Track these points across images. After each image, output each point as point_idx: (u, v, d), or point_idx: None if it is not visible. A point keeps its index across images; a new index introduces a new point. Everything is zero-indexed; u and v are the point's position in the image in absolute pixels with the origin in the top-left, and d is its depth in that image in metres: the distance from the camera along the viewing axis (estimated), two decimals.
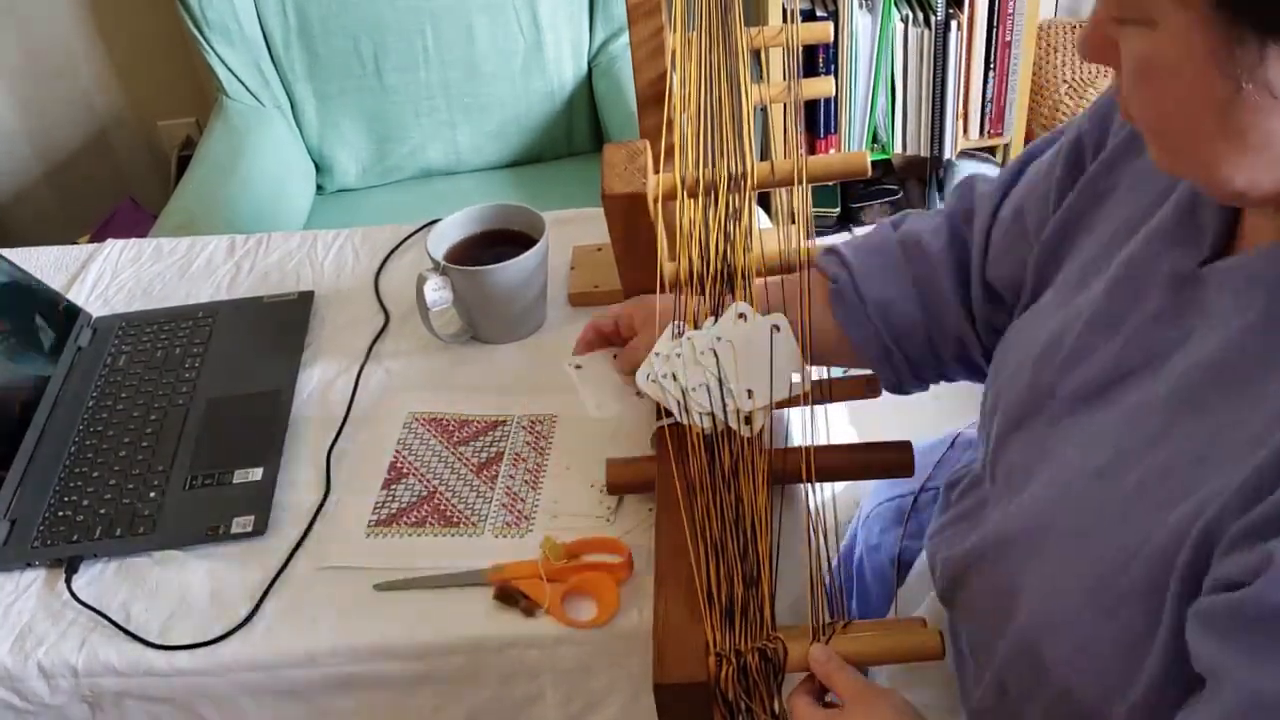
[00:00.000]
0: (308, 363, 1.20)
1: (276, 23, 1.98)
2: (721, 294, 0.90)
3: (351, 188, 2.14)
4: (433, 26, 1.99)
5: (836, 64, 2.15)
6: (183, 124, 2.44)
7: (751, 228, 0.93)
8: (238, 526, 1.01)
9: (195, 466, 1.07)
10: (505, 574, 0.93)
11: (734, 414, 0.86)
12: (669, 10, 1.10)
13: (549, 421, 1.09)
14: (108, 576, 0.99)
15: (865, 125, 2.23)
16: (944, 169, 2.30)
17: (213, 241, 1.39)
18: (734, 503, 0.82)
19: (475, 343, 1.20)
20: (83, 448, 1.11)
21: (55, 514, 1.04)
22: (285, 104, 2.06)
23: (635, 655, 0.90)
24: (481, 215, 1.22)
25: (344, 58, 2.00)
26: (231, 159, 1.95)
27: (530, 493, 1.02)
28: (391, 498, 1.03)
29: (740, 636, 0.75)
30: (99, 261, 1.37)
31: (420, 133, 2.08)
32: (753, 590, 0.77)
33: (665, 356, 0.88)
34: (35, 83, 2.37)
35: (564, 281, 1.26)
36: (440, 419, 1.11)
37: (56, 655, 0.93)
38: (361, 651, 0.92)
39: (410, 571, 0.96)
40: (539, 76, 2.07)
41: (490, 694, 0.94)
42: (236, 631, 0.93)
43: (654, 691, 0.74)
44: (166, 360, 1.20)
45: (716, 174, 0.93)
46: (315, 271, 1.33)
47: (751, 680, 0.73)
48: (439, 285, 1.14)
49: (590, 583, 0.92)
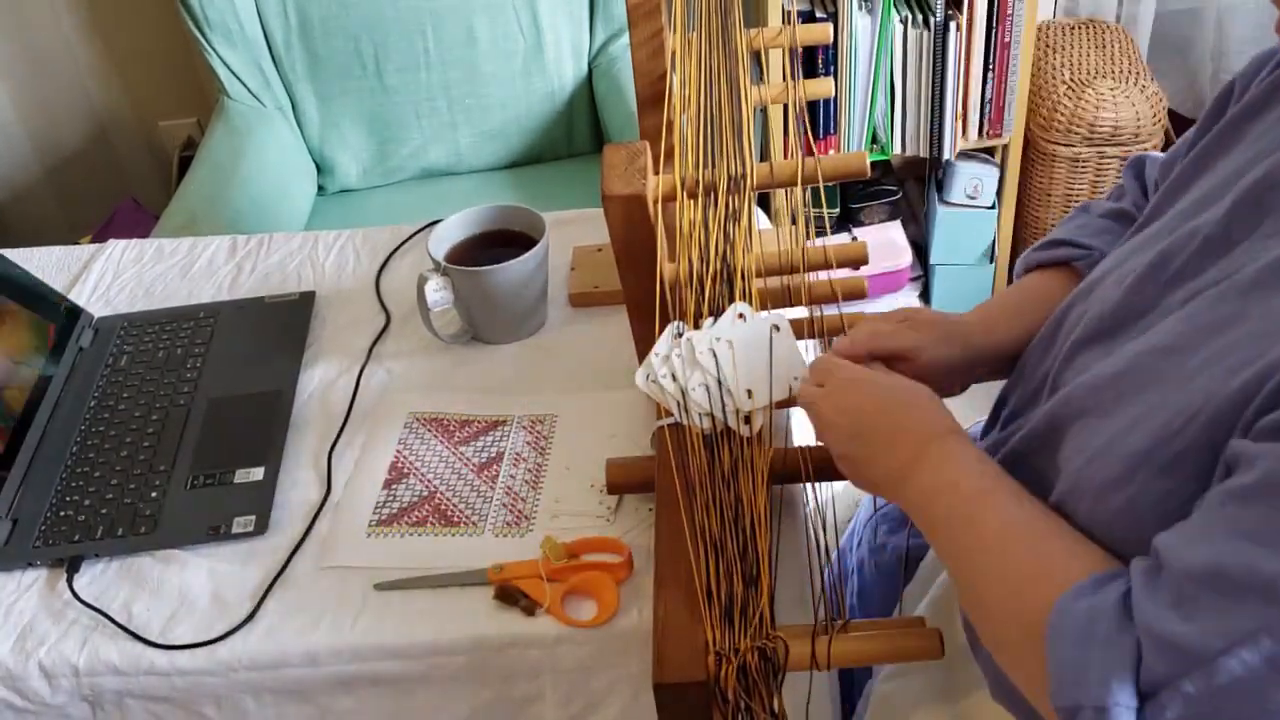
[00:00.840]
0: (309, 363, 1.20)
1: (277, 23, 1.98)
2: (721, 294, 0.91)
3: (352, 188, 2.14)
4: (433, 27, 2.00)
5: (836, 65, 2.15)
6: (184, 124, 2.45)
7: (751, 228, 0.93)
8: (239, 526, 1.01)
9: (197, 466, 1.07)
10: (506, 574, 0.94)
11: (733, 414, 0.87)
12: (669, 11, 1.11)
13: (549, 421, 1.10)
14: (109, 576, 0.99)
15: (864, 126, 2.23)
16: (943, 169, 2.31)
17: (214, 242, 1.39)
18: (733, 502, 0.83)
19: (476, 343, 1.20)
20: (84, 447, 1.11)
21: (57, 514, 1.04)
22: (286, 104, 2.06)
23: (635, 655, 0.90)
24: (482, 216, 1.22)
25: (345, 58, 2.00)
26: (233, 159, 1.95)
27: (530, 493, 1.03)
28: (392, 498, 1.03)
29: (740, 635, 0.75)
30: (101, 262, 1.37)
31: (421, 133, 2.08)
32: (752, 589, 0.78)
33: (664, 357, 0.88)
34: (36, 83, 2.37)
35: (564, 282, 1.26)
36: (441, 419, 1.11)
37: (58, 654, 0.93)
38: (362, 651, 0.92)
39: (411, 571, 0.96)
40: (539, 77, 2.07)
41: (490, 694, 0.94)
42: (237, 631, 0.93)
43: (654, 691, 0.74)
44: (168, 360, 1.20)
45: (716, 175, 0.93)
46: (316, 272, 1.33)
47: (751, 679, 0.74)
48: (440, 286, 1.14)
49: (590, 582, 0.92)
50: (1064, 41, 2.33)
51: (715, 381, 0.86)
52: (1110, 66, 2.23)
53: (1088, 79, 2.20)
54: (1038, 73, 2.26)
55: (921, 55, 2.15)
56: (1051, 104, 2.20)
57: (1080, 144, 2.19)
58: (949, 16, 2.10)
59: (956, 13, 2.10)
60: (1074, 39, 2.34)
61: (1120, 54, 2.27)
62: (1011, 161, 2.28)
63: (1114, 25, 2.38)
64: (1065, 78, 2.22)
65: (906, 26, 2.12)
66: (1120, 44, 2.31)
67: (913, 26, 2.12)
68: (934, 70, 2.15)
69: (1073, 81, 2.20)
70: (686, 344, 0.88)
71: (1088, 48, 2.31)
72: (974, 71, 2.16)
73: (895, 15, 2.12)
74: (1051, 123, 2.19)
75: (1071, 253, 0.91)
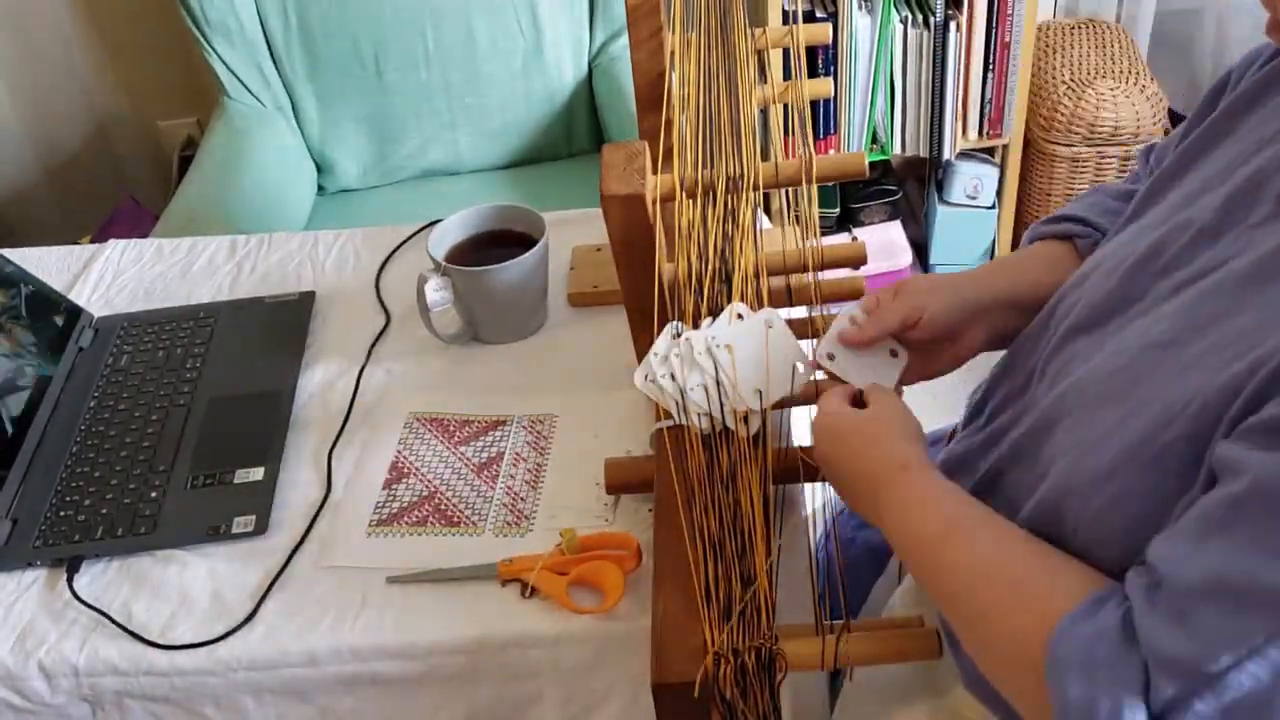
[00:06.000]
0: (309, 363, 1.20)
1: (277, 23, 1.98)
2: (720, 294, 0.90)
3: (352, 188, 2.14)
4: (433, 27, 2.00)
5: (836, 65, 2.15)
6: (184, 124, 2.45)
7: (752, 227, 0.93)
8: (239, 526, 1.01)
9: (196, 466, 1.07)
10: (516, 566, 0.94)
11: (732, 414, 0.87)
12: (668, 11, 1.11)
13: (549, 421, 1.10)
14: (109, 576, 0.99)
15: (864, 126, 2.23)
16: (943, 169, 2.31)
17: (214, 242, 1.39)
18: (732, 503, 0.83)
19: (475, 343, 1.20)
20: (84, 447, 1.11)
21: (57, 514, 1.04)
22: (286, 104, 2.06)
23: (635, 655, 0.90)
24: (482, 216, 1.22)
25: (345, 58, 2.00)
26: (233, 159, 1.95)
27: (530, 492, 1.03)
28: (392, 497, 1.03)
29: (738, 636, 0.75)
30: (100, 262, 1.37)
31: (421, 133, 2.08)
32: (751, 590, 0.78)
33: (663, 357, 0.88)
34: (36, 83, 2.37)
35: (564, 282, 1.26)
36: (441, 419, 1.11)
37: (58, 655, 0.93)
38: (362, 651, 0.92)
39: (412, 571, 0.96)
40: (539, 77, 2.07)
41: (490, 694, 0.94)
42: (237, 631, 0.93)
43: (652, 691, 0.74)
44: (168, 360, 1.20)
45: (715, 175, 0.93)
46: (316, 272, 1.33)
47: (749, 680, 0.74)
48: (439, 286, 1.14)
49: (596, 571, 0.92)
50: (1064, 41, 2.33)
51: (714, 382, 0.86)
52: (1110, 66, 2.23)
53: (1088, 79, 2.20)
54: (1038, 73, 2.26)
55: (921, 55, 2.15)
56: (1052, 104, 2.20)
57: (1080, 144, 2.19)
58: (949, 16, 2.10)
59: (956, 12, 2.10)
60: (1074, 39, 2.34)
61: (1120, 54, 2.27)
62: (1011, 161, 2.28)
63: (1114, 25, 2.38)
64: (1065, 78, 2.22)
65: (906, 26, 2.12)
66: (1120, 44, 2.31)
67: (913, 26, 2.12)
68: (934, 70, 2.16)
69: (1073, 81, 2.20)
70: (685, 344, 0.88)
71: (1088, 47, 2.31)
72: (974, 71, 2.16)
73: (895, 15, 2.12)
74: (1051, 123, 2.19)
75: (1074, 228, 0.92)
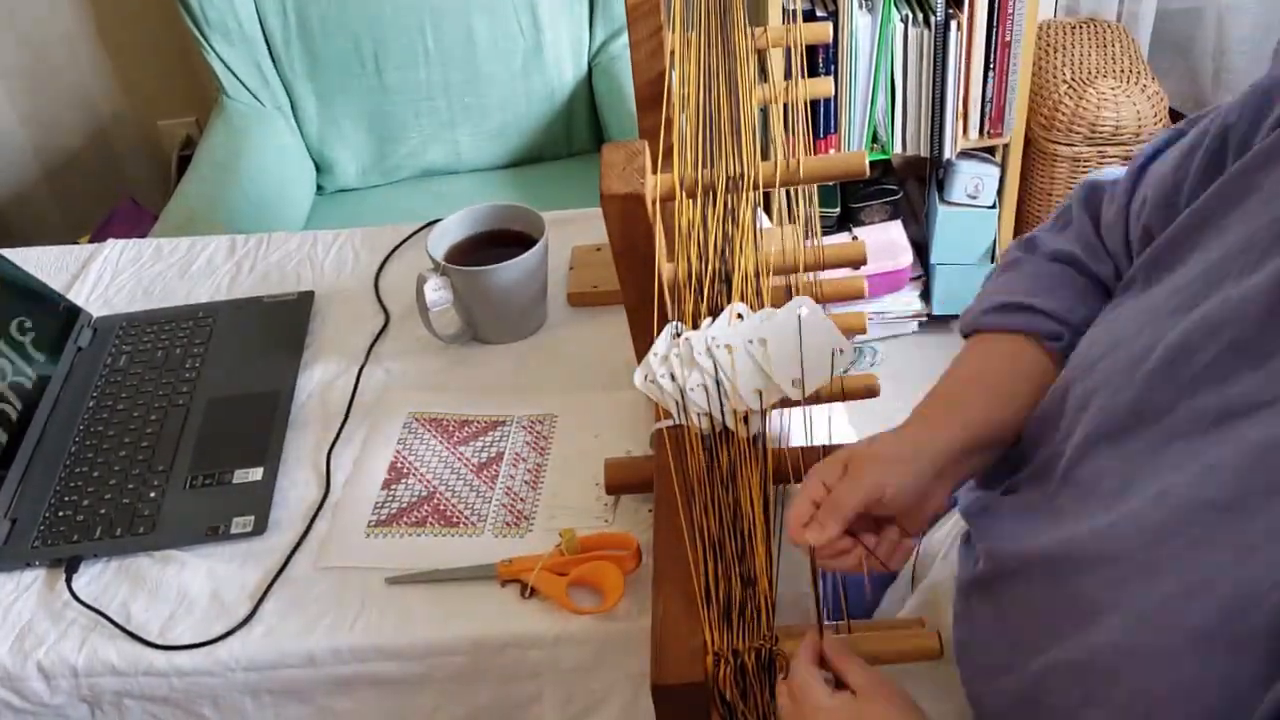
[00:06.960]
0: (308, 363, 1.20)
1: (276, 22, 1.98)
2: (720, 294, 0.90)
3: (351, 188, 2.14)
4: (433, 26, 1.99)
5: (836, 64, 2.15)
6: (183, 124, 2.44)
7: (752, 226, 0.93)
8: (238, 526, 1.01)
9: (195, 466, 1.07)
10: (515, 566, 0.94)
11: (732, 414, 0.87)
12: (668, 10, 1.10)
13: (549, 421, 1.09)
14: (108, 576, 0.99)
15: (865, 125, 2.23)
16: (943, 169, 2.30)
17: (213, 242, 1.39)
18: (732, 503, 0.82)
19: (475, 343, 1.20)
20: (83, 448, 1.11)
21: (55, 514, 1.04)
22: (285, 104, 2.06)
23: (635, 656, 0.90)
24: (481, 215, 1.22)
25: (344, 57, 2.00)
26: (232, 159, 1.95)
27: (530, 493, 1.02)
28: (391, 498, 1.03)
29: (738, 636, 0.75)
30: (99, 262, 1.37)
31: (420, 133, 2.08)
32: (750, 590, 0.77)
33: (663, 357, 0.88)
34: (35, 83, 2.37)
35: (564, 281, 1.26)
36: (440, 419, 1.11)
37: (56, 655, 0.93)
38: (361, 651, 0.92)
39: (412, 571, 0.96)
40: (539, 76, 2.07)
41: (490, 694, 0.94)
42: (236, 631, 0.93)
43: (652, 692, 0.74)
44: (167, 360, 1.20)
45: (715, 175, 0.92)
46: (315, 272, 1.33)
47: (749, 680, 0.74)
48: (439, 285, 1.14)
49: (596, 572, 0.92)
50: (1065, 40, 2.33)
51: (714, 382, 0.86)
52: (1111, 66, 2.23)
53: (1089, 78, 2.19)
54: (1038, 72, 2.26)
55: (922, 54, 2.14)
56: (1052, 103, 2.19)
57: (1081, 143, 2.19)
58: (949, 15, 2.10)
59: (957, 11, 2.10)
60: (1075, 38, 2.34)
61: (1121, 53, 2.27)
62: (1012, 161, 2.27)
63: (1115, 24, 2.38)
64: (1066, 77, 2.21)
65: (907, 25, 2.12)
66: (1121, 43, 2.31)
67: (913, 25, 2.12)
68: (935, 69, 2.15)
69: (1074, 81, 2.20)
70: (685, 344, 0.88)
71: (1089, 47, 2.30)
72: (975, 70, 2.16)
73: (896, 14, 2.11)
74: (1052, 122, 2.19)
75: (1034, 323, 0.83)
